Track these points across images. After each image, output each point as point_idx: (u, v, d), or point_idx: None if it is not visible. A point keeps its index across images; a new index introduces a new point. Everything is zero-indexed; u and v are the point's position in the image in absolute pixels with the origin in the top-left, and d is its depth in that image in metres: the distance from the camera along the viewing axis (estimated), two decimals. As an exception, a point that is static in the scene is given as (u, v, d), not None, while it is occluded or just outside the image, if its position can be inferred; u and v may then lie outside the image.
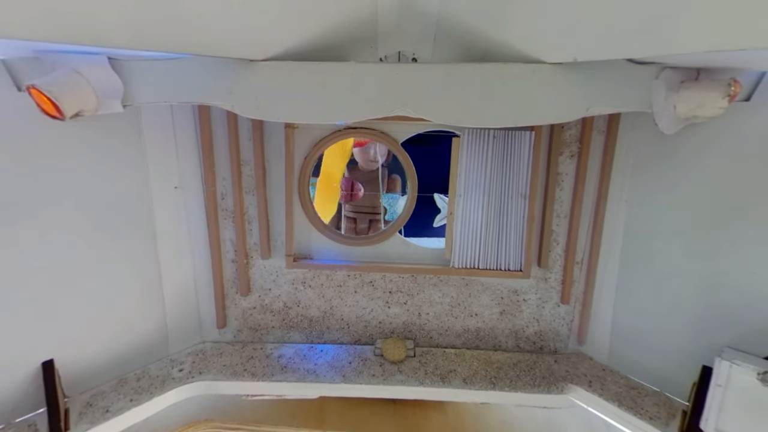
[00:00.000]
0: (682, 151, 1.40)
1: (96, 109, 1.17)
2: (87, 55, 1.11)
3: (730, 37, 0.79)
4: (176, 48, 1.01)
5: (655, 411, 1.41)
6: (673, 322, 1.48)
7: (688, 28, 0.83)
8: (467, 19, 1.17)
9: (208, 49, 1.04)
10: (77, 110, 1.12)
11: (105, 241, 1.44)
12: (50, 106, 1.03)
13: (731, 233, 1.32)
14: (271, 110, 1.21)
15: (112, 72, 1.15)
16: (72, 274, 1.38)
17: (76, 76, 1.11)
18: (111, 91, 1.17)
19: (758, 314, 1.27)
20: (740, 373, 1.17)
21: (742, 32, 0.77)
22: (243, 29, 1.07)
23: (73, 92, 1.09)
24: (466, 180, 1.63)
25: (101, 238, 1.43)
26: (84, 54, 1.10)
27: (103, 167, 1.41)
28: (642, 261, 1.56)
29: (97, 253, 1.43)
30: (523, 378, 1.59)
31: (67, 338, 1.40)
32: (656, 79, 1.21)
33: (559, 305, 1.75)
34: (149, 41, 0.95)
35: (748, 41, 0.77)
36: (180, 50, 1.02)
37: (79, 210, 1.37)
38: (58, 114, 1.05)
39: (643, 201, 1.54)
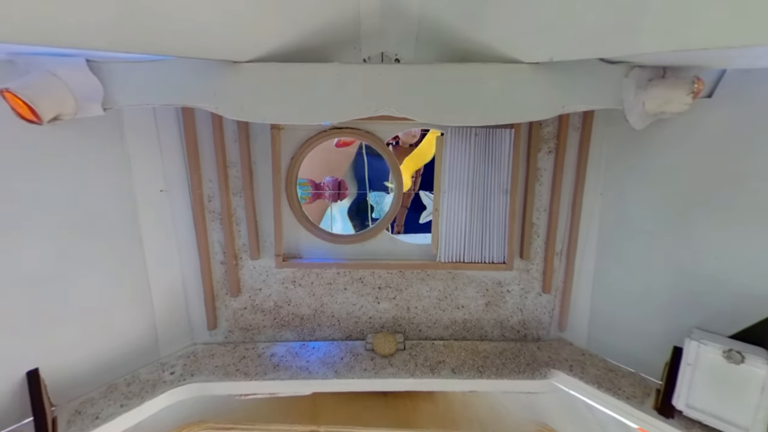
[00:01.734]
0: (652, 145, 1.45)
1: (75, 113, 1.12)
2: (64, 57, 1.06)
3: (693, 37, 0.82)
4: (157, 50, 0.97)
5: (632, 391, 1.46)
6: (645, 307, 1.53)
7: (655, 29, 0.86)
8: (448, 20, 1.17)
9: (190, 51, 1.01)
10: (55, 114, 1.07)
11: (89, 246, 1.39)
12: (26, 110, 0.99)
13: (696, 221, 1.37)
14: (257, 111, 1.19)
15: (91, 74, 1.10)
16: (56, 281, 1.32)
17: (53, 78, 1.06)
18: (90, 94, 1.12)
19: (722, 297, 1.33)
20: (707, 352, 1.22)
21: (704, 33, 0.80)
22: (225, 31, 1.04)
23: (50, 95, 1.04)
24: (450, 177, 1.64)
25: (85, 243, 1.37)
26: (61, 56, 1.06)
27: (85, 172, 1.35)
28: (616, 250, 1.61)
29: (81, 259, 1.37)
30: (508, 365, 1.62)
31: (53, 346, 1.34)
32: (626, 77, 1.25)
33: (541, 295, 1.79)
34: (129, 44, 0.91)
35: (709, 41, 0.80)
36: (161, 52, 0.99)
37: (60, 216, 1.31)
38: (34, 118, 1.01)
39: (617, 193, 1.58)
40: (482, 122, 1.21)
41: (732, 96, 1.25)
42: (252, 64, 1.15)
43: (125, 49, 0.92)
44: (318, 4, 1.08)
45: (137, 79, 1.17)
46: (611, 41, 0.96)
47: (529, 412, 1.69)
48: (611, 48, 1.00)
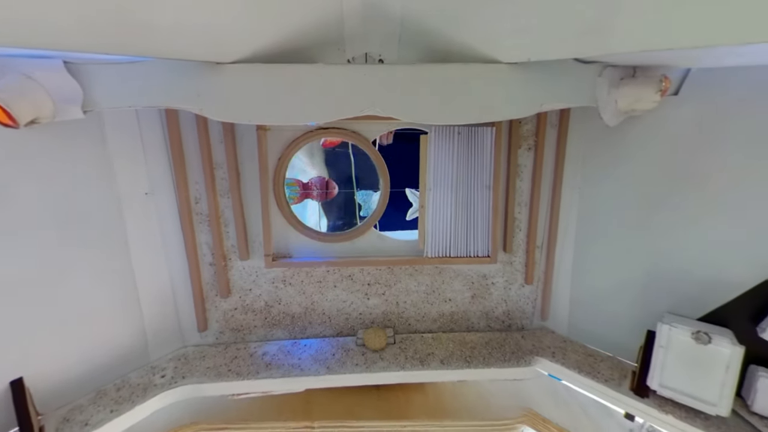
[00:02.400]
0: (624, 141, 1.50)
1: (54, 116, 1.07)
2: (40, 59, 1.02)
3: (660, 38, 0.85)
4: (138, 51, 0.94)
5: (610, 374, 1.51)
6: (621, 295, 1.58)
7: (626, 30, 0.89)
8: (429, 21, 1.17)
9: (171, 53, 0.98)
10: (32, 117, 1.02)
11: (72, 251, 1.34)
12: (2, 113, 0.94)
13: (665, 214, 1.43)
14: (242, 112, 1.17)
15: (69, 76, 1.06)
16: (37, 287, 1.27)
17: (29, 81, 1.01)
18: (69, 97, 1.07)
19: (691, 283, 1.40)
20: (678, 335, 1.28)
21: (670, 34, 0.83)
22: (207, 32, 1.02)
23: (26, 98, 1.00)
24: (434, 174, 1.65)
25: (68, 248, 1.32)
26: (36, 58, 1.01)
27: (66, 176, 1.30)
28: (593, 241, 1.66)
29: (64, 265, 1.32)
30: (494, 355, 1.65)
31: (38, 354, 1.29)
32: (600, 76, 1.28)
33: (524, 286, 1.82)
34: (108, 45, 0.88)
35: (675, 41, 0.83)
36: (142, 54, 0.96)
37: (41, 221, 1.26)
38: (10, 122, 0.96)
39: (593, 187, 1.63)
40: (464, 121, 1.22)
41: (696, 93, 1.30)
42: (235, 65, 1.13)
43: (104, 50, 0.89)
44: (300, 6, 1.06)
45: (118, 80, 1.13)
46: (584, 42, 0.99)
47: (515, 398, 1.73)
48: (585, 48, 1.02)
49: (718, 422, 1.24)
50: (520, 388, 1.75)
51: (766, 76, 1.16)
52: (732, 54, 1.13)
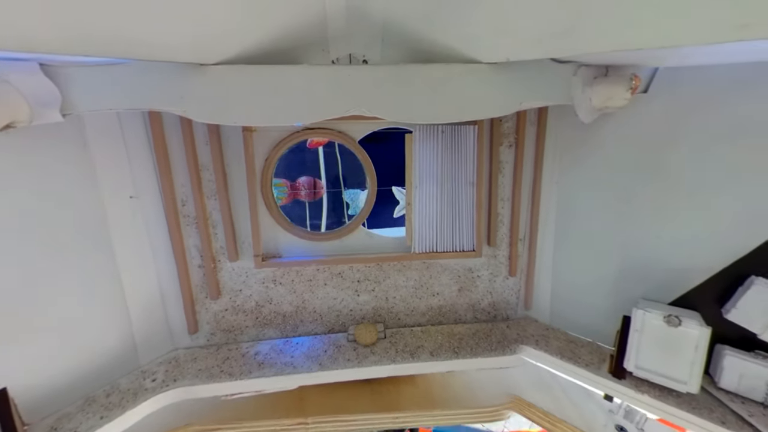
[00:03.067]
0: (598, 137, 1.54)
1: (31, 120, 1.03)
2: (15, 61, 0.97)
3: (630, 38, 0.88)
4: (117, 53, 0.91)
5: (590, 358, 1.55)
6: (598, 283, 1.63)
7: (596, 31, 0.92)
8: (410, 23, 1.18)
9: (153, 54, 0.95)
10: (8, 121, 0.97)
11: (56, 258, 1.28)
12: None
13: (637, 205, 1.48)
14: (227, 114, 1.15)
15: (46, 79, 1.02)
16: (20, 295, 1.22)
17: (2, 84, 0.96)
18: (46, 100, 1.03)
19: (662, 270, 1.45)
20: (651, 319, 1.33)
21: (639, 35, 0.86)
22: (190, 34, 0.99)
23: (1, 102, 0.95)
24: (420, 172, 1.66)
25: (50, 255, 1.27)
26: (11, 60, 0.96)
27: (46, 181, 1.25)
28: (571, 233, 1.70)
29: (47, 271, 1.27)
30: (481, 345, 1.68)
31: (23, 363, 1.24)
32: (574, 75, 1.32)
33: (508, 278, 1.86)
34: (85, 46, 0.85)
35: (644, 42, 0.86)
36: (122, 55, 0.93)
37: (22, 227, 1.20)
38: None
39: (570, 182, 1.67)
40: (447, 120, 1.23)
41: (664, 91, 1.35)
42: (219, 66, 1.11)
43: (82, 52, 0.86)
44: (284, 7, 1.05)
45: (98, 83, 1.09)
46: (559, 43, 1.01)
47: (502, 386, 1.77)
48: (559, 49, 1.05)
49: (689, 399, 1.30)
50: (506, 376, 1.79)
51: (725, 74, 1.21)
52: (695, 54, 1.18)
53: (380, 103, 1.19)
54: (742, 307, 1.24)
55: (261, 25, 1.07)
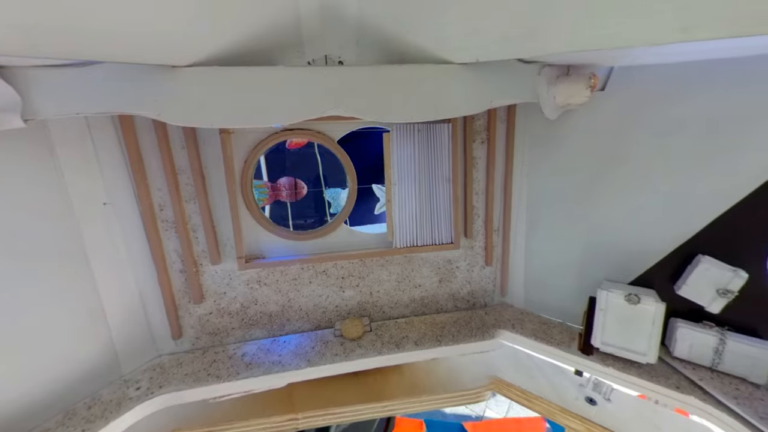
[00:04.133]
0: (562, 132, 1.60)
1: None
2: (-35, 64, 0.89)
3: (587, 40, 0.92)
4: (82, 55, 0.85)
5: (561, 337, 1.63)
6: (566, 268, 1.71)
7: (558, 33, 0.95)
8: (384, 24, 1.17)
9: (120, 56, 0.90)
10: (-38, 128, 0.89)
11: (24, 269, 1.19)
12: None
13: (598, 194, 1.55)
14: (203, 117, 1.10)
15: (3, 82, 0.94)
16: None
17: (-46, 88, 0.88)
18: (4, 104, 0.95)
19: (622, 253, 1.54)
20: (614, 298, 1.40)
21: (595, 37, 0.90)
22: (159, 35, 0.94)
23: (-47, 108, 0.87)
24: (399, 170, 1.66)
25: (19, 266, 1.18)
26: (-39, 63, 0.88)
27: (9, 190, 1.15)
28: (541, 222, 1.77)
29: (16, 285, 1.18)
30: (462, 331, 1.71)
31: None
32: (539, 75, 1.36)
33: (484, 267, 1.91)
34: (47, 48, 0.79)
35: (599, 43, 0.90)
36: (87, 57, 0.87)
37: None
38: (-65, 134, 0.83)
39: (539, 174, 1.73)
40: (422, 118, 1.24)
41: (619, 88, 1.41)
42: (193, 68, 1.06)
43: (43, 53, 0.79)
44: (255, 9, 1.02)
45: (63, 86, 1.01)
46: (523, 44, 1.04)
47: (483, 368, 1.81)
48: (524, 50, 1.08)
49: (648, 368, 1.39)
50: (486, 359, 1.84)
51: (670, 73, 1.29)
52: (644, 54, 1.24)
53: (357, 104, 1.18)
54: (692, 283, 1.33)
55: (233, 27, 1.03)
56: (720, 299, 1.28)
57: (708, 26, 0.76)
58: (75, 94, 1.03)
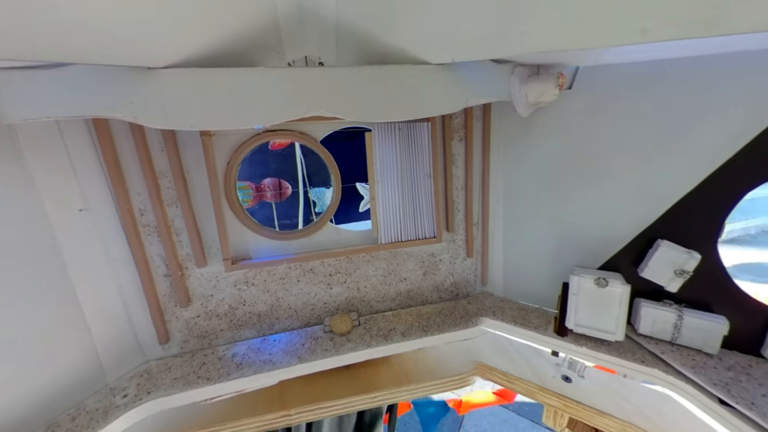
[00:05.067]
0: (534, 129, 1.65)
1: (-51, 132, 0.87)
2: None
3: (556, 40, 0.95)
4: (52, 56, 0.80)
5: (538, 322, 1.69)
6: (541, 256, 1.77)
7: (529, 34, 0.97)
8: (363, 25, 1.17)
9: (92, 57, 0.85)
10: None
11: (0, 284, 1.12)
12: None
13: (569, 186, 1.62)
14: (182, 119, 1.06)
15: (-36, 86, 0.87)
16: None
17: None
18: (-33, 109, 0.88)
19: (591, 240, 1.61)
20: (584, 282, 1.47)
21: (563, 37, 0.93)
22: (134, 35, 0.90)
23: None
24: (381, 168, 1.67)
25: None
26: None
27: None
28: (517, 215, 1.82)
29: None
30: (447, 321, 1.75)
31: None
32: (511, 74, 1.39)
33: (466, 259, 1.94)
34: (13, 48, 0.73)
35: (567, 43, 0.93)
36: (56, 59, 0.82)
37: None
38: None
39: (514, 169, 1.78)
40: (402, 118, 1.25)
41: (585, 87, 1.47)
42: (170, 70, 1.02)
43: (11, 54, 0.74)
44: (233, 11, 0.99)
45: (31, 89, 0.95)
46: (495, 45, 1.06)
47: (467, 355, 1.86)
48: (496, 50, 1.10)
49: (617, 346, 1.47)
50: (470, 346, 1.89)
51: (631, 71, 1.35)
52: (607, 54, 1.30)
53: (338, 104, 1.17)
54: (653, 265, 1.41)
55: (210, 28, 1.00)
56: (677, 279, 1.37)
57: (664, 28, 0.80)
58: (44, 98, 0.97)
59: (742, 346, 1.35)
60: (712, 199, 1.31)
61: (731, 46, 1.15)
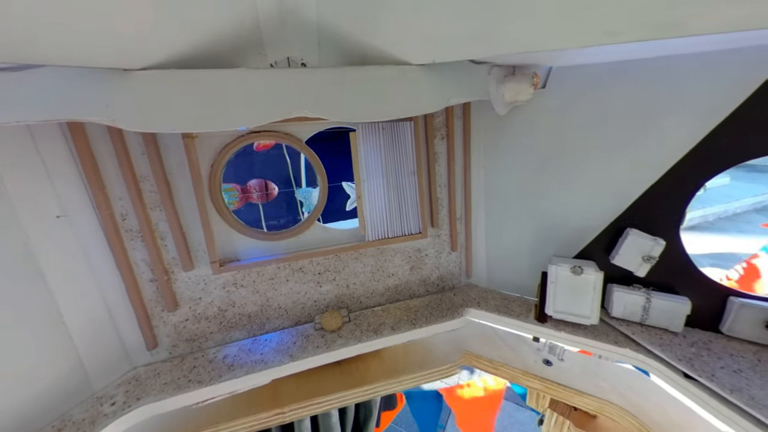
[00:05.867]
0: (512, 127, 1.68)
1: None
2: None
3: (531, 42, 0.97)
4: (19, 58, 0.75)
5: (520, 310, 1.74)
6: (521, 248, 1.82)
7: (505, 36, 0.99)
8: (344, 26, 1.15)
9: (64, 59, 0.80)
10: None
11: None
12: None
13: (546, 181, 1.66)
14: (162, 121, 1.02)
15: None
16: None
17: None
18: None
19: (567, 231, 1.66)
20: (561, 271, 1.52)
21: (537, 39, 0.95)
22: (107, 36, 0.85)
23: None
24: (366, 167, 1.66)
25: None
26: None
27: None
28: (498, 209, 1.86)
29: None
30: (434, 313, 1.77)
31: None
32: (489, 74, 1.41)
33: (451, 253, 1.97)
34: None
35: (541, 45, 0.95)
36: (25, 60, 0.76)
37: None
38: None
39: (494, 165, 1.81)
40: (385, 117, 1.25)
41: (557, 86, 1.51)
42: (148, 71, 0.97)
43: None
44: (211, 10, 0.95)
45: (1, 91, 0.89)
46: (473, 46, 1.07)
47: (455, 345, 1.89)
48: (474, 51, 1.12)
49: (592, 329, 1.53)
50: (457, 336, 1.92)
51: (598, 72, 1.40)
52: (577, 55, 1.34)
53: (322, 105, 1.15)
54: (623, 252, 1.47)
55: (188, 29, 0.96)
56: (645, 264, 1.44)
57: (629, 30, 0.83)
58: (11, 101, 0.90)
59: (703, 324, 1.44)
60: (674, 189, 1.38)
61: (689, 48, 1.21)
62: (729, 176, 2.72)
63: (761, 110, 1.17)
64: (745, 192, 10.90)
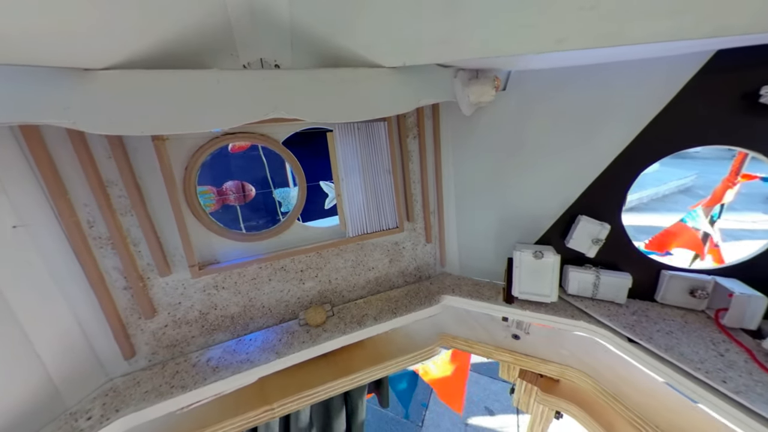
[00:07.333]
0: (478, 126, 1.74)
1: None
2: None
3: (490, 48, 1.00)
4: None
5: (490, 293, 1.81)
6: (488, 237, 1.89)
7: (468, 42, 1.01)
8: (317, 28, 1.12)
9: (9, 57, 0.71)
10: None
11: None
12: None
13: (508, 175, 1.74)
14: (130, 124, 0.93)
15: None
16: None
17: None
18: None
19: (528, 220, 1.75)
20: (524, 256, 1.60)
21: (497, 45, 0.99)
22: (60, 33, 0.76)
23: None
24: (344, 166, 1.64)
25: None
26: None
27: None
28: (468, 203, 1.92)
29: None
30: (413, 302, 1.80)
31: None
32: (455, 77, 1.44)
33: (426, 245, 2.01)
34: None
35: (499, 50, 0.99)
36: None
37: None
38: None
39: (462, 161, 1.86)
40: (360, 118, 1.23)
41: (516, 89, 1.58)
42: (111, 71, 0.89)
43: None
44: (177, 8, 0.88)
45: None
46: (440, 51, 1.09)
47: (433, 329, 1.94)
48: (440, 56, 1.13)
49: (553, 306, 1.63)
50: (435, 321, 1.97)
51: (551, 76, 1.48)
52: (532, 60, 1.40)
53: (297, 106, 1.12)
54: (576, 237, 1.58)
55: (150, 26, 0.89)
56: (594, 247, 1.55)
57: (575, 39, 0.89)
58: (-48, 103, 0.79)
59: (642, 295, 1.59)
60: (616, 178, 1.50)
61: (627, 56, 1.31)
62: (658, 162, 3.08)
63: (683, 110, 1.31)
64: (671, 176, 12.25)
